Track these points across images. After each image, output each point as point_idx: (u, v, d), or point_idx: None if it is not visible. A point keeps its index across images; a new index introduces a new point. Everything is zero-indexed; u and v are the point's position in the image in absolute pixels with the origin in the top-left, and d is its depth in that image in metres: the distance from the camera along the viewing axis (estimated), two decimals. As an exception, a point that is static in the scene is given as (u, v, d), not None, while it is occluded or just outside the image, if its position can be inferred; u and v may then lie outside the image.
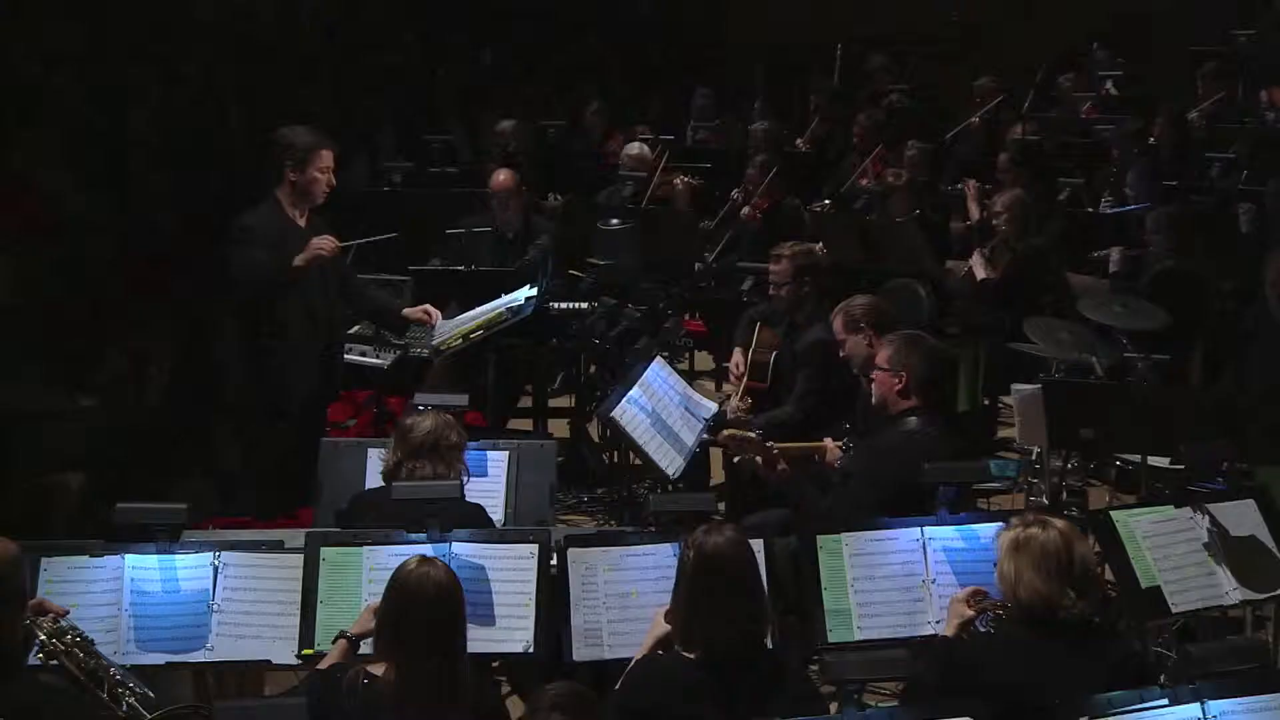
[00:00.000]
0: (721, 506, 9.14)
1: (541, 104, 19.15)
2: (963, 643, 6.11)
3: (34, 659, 5.94)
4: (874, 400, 8.36)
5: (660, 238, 13.48)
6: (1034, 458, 9.33)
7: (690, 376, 12.71)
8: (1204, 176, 15.27)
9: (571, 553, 6.65)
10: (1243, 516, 7.12)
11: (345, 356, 10.31)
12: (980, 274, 12.20)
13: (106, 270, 13.92)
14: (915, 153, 14.93)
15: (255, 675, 7.04)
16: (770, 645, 6.19)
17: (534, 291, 9.90)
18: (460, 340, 9.72)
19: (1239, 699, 5.46)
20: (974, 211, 14.12)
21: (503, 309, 9.78)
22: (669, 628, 6.01)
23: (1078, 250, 13.11)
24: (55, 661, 5.92)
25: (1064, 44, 21.73)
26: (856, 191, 14.87)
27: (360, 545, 6.61)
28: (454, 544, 6.61)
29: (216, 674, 6.75)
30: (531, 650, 6.55)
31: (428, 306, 9.75)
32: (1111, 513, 6.99)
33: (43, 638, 5.93)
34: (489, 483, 8.12)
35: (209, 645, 6.49)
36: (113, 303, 12.74)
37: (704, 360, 13.92)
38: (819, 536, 6.80)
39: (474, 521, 7.23)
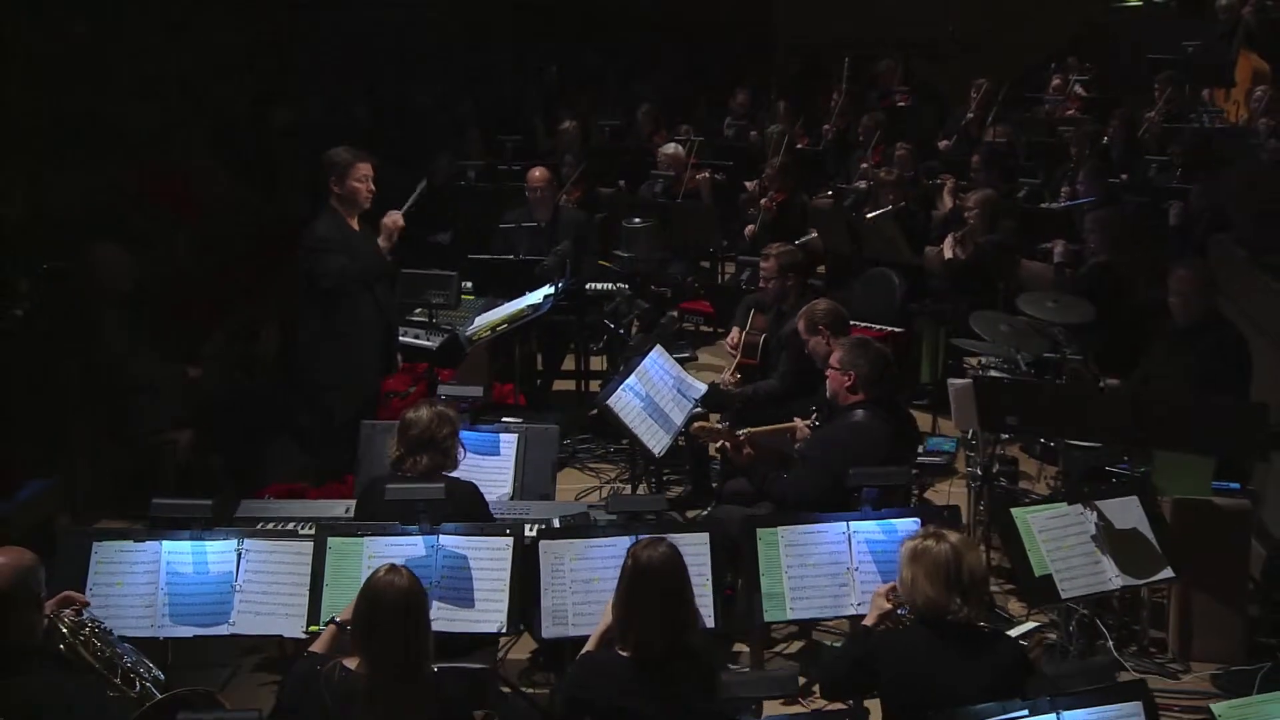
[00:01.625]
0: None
1: (601, 104, 18.62)
2: (871, 634, 5.83)
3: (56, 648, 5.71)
4: (828, 393, 8.10)
5: (685, 228, 13.20)
6: (969, 435, 8.71)
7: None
8: (1144, 175, 14.61)
9: (543, 544, 6.38)
10: (1127, 511, 6.85)
11: (401, 338, 9.98)
12: (948, 254, 11.80)
13: (242, 250, 13.73)
14: (904, 152, 14.47)
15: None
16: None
17: (551, 291, 9.64)
18: (489, 332, 9.55)
19: (1090, 709, 5.22)
20: (948, 203, 13.66)
21: (525, 306, 9.56)
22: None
23: (1036, 240, 12.49)
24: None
25: (1043, 51, 21.21)
26: (851, 189, 14.19)
27: (361, 536, 6.33)
28: (441, 536, 6.31)
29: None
30: (504, 631, 6.28)
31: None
32: (1012, 510, 6.69)
33: (64, 630, 5.72)
34: (500, 460, 7.91)
35: (231, 621, 6.29)
36: (236, 281, 12.52)
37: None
38: (758, 529, 6.56)
39: (469, 499, 6.96)
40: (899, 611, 5.91)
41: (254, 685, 6.70)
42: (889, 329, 10.92)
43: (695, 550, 6.35)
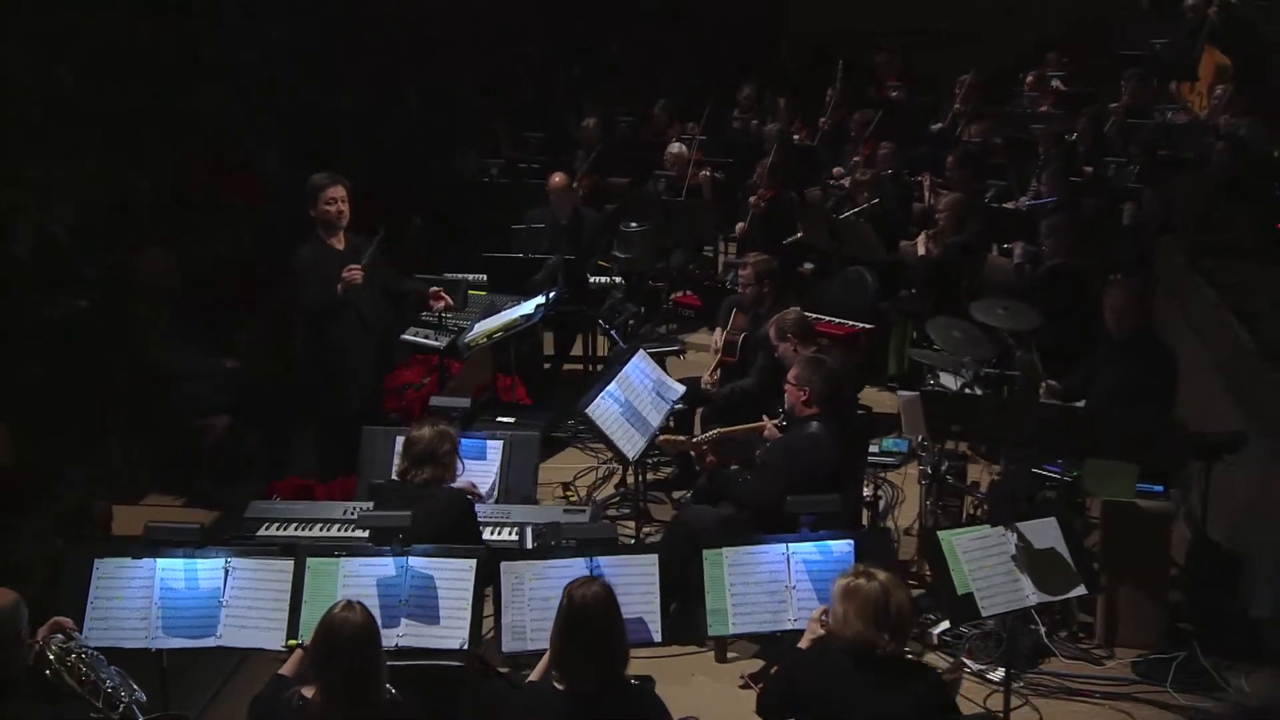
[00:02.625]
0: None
1: (619, 100, 18.15)
2: (803, 658, 5.57)
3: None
4: (785, 406, 7.86)
5: (686, 224, 12.92)
6: (919, 440, 8.45)
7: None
8: (1103, 174, 14.18)
9: (504, 564, 6.14)
10: (1045, 533, 6.54)
11: (411, 338, 9.80)
12: (921, 250, 11.48)
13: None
14: (886, 150, 14.10)
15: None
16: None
17: (543, 301, 9.40)
18: (485, 339, 9.31)
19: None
20: (927, 199, 13.34)
21: (518, 316, 9.32)
22: None
23: (1002, 239, 12.15)
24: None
25: (1027, 46, 20.64)
26: (835, 187, 13.83)
27: (338, 557, 6.10)
28: (411, 558, 6.07)
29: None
30: (467, 647, 6.03)
31: (440, 290, 9.28)
32: (938, 533, 6.40)
33: (51, 657, 5.49)
34: (486, 464, 7.74)
35: (218, 634, 6.05)
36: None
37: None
38: (705, 551, 6.30)
39: (455, 507, 6.83)
40: None
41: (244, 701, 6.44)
42: (861, 325, 10.66)
43: (644, 570, 6.17)
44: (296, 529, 7.36)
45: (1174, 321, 10.72)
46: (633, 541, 8.47)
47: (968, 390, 8.54)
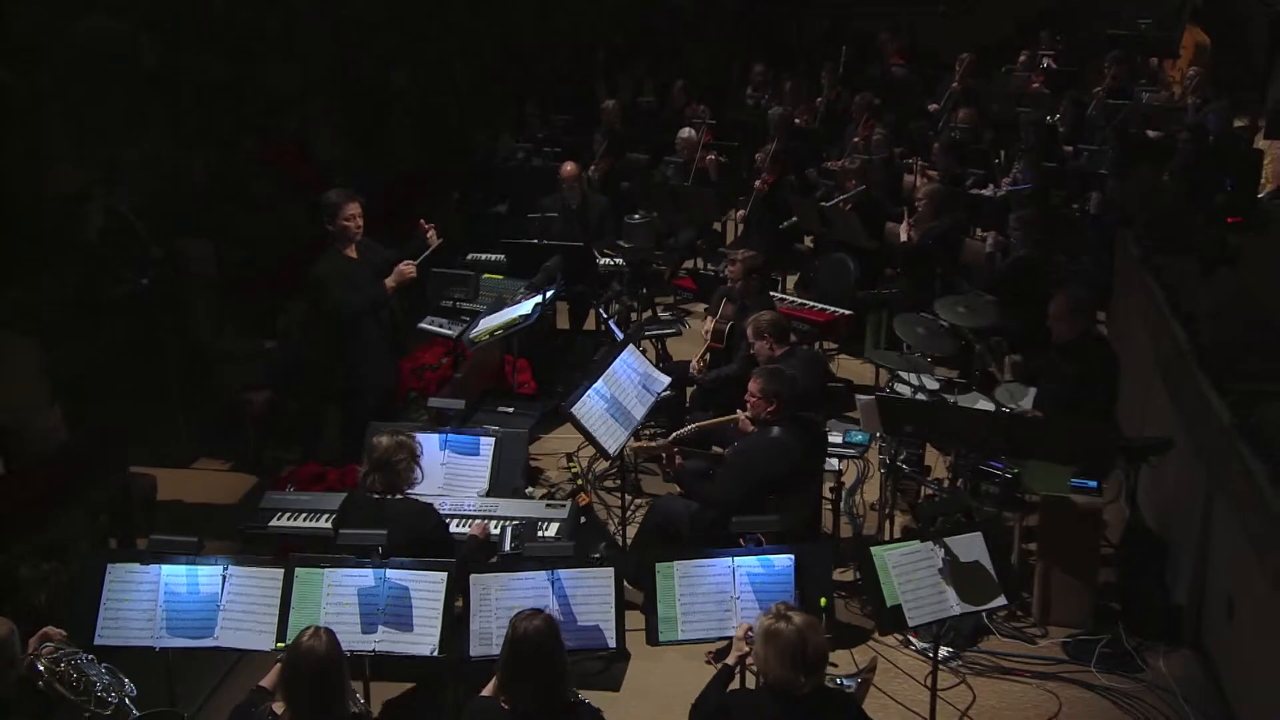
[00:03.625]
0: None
1: (647, 75, 17.74)
2: (730, 674, 5.52)
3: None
4: (749, 413, 7.64)
5: (692, 207, 12.58)
6: (877, 435, 8.24)
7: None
8: (1076, 161, 13.75)
9: (473, 577, 5.99)
10: (971, 547, 6.31)
11: (427, 326, 9.64)
12: (903, 236, 11.15)
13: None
14: (879, 137, 13.75)
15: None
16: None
17: (540, 300, 9.18)
18: (487, 336, 9.04)
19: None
20: (915, 182, 13.00)
21: (517, 315, 9.09)
22: None
23: (980, 225, 11.93)
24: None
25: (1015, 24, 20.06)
26: (831, 174, 13.38)
27: (323, 568, 5.96)
28: (388, 570, 5.94)
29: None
30: (437, 654, 5.87)
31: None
32: (871, 549, 6.19)
33: (42, 669, 5.38)
34: (479, 460, 7.54)
35: (216, 635, 5.93)
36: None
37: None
38: (656, 564, 6.10)
39: (420, 520, 6.64)
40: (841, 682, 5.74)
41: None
42: (841, 312, 10.45)
43: (601, 583, 6.01)
44: (305, 519, 7.27)
45: (1130, 316, 10.45)
46: (622, 512, 8.38)
47: (919, 394, 8.28)
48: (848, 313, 10.39)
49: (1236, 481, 6.95)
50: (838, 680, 5.61)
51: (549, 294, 9.11)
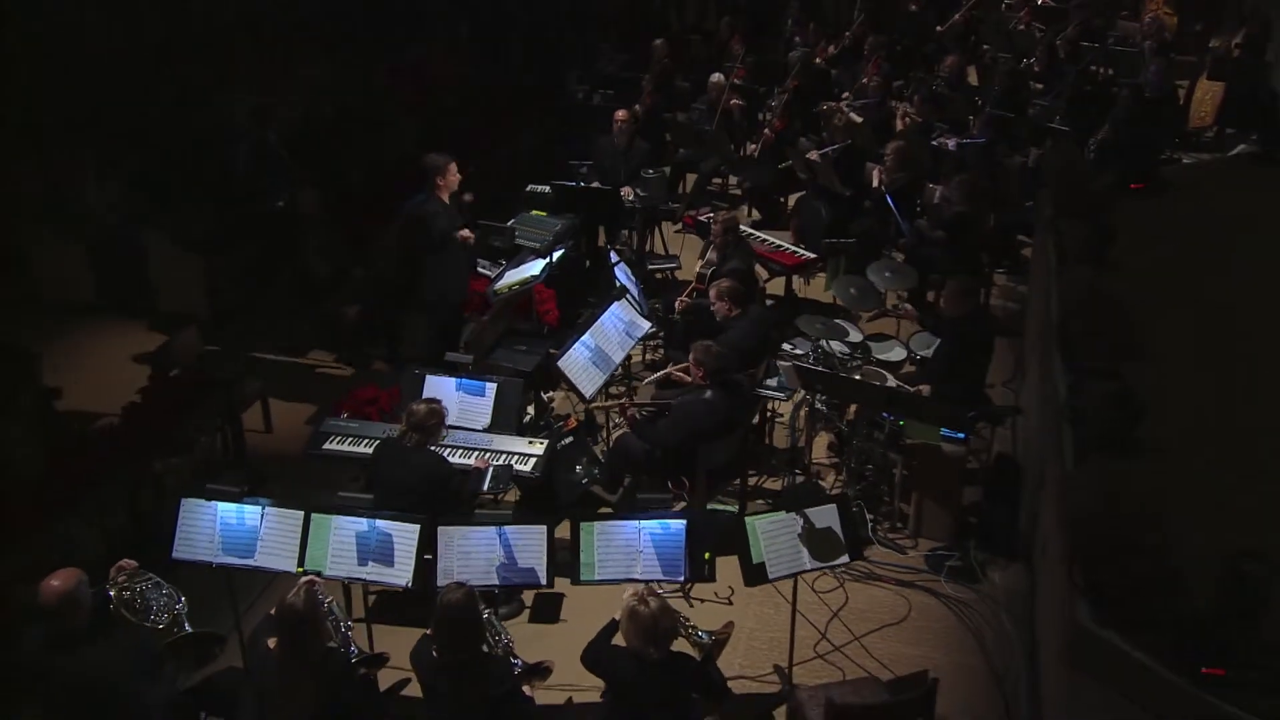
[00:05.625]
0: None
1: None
2: (615, 653, 5.50)
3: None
4: (690, 375, 7.67)
5: (715, 148, 12.28)
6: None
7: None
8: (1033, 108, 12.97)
9: (440, 529, 6.13)
10: (826, 516, 6.29)
11: (478, 269, 9.70)
12: (874, 182, 10.79)
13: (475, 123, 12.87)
14: (876, 83, 13.09)
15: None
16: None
17: (549, 261, 9.02)
18: (508, 290, 9.01)
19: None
20: (899, 127, 12.47)
21: (529, 275, 9.02)
22: None
23: (941, 174, 11.09)
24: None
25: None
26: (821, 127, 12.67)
27: (329, 514, 6.16)
28: (378, 520, 6.13)
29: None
30: (410, 586, 6.08)
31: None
32: (746, 518, 6.20)
33: (112, 593, 5.65)
34: (483, 401, 7.58)
35: (255, 558, 6.16)
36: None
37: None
38: (581, 523, 6.22)
39: (436, 467, 6.78)
40: (700, 636, 5.70)
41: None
42: (808, 255, 10.21)
43: (537, 536, 6.12)
44: (351, 444, 7.44)
45: (1038, 269, 10.14)
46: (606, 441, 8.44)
47: (814, 361, 8.18)
48: (813, 256, 10.16)
49: (1059, 440, 6.92)
50: (698, 634, 5.68)
51: (556, 256, 8.96)
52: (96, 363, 9.55)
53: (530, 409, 8.39)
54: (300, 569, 6.04)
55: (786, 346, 8.57)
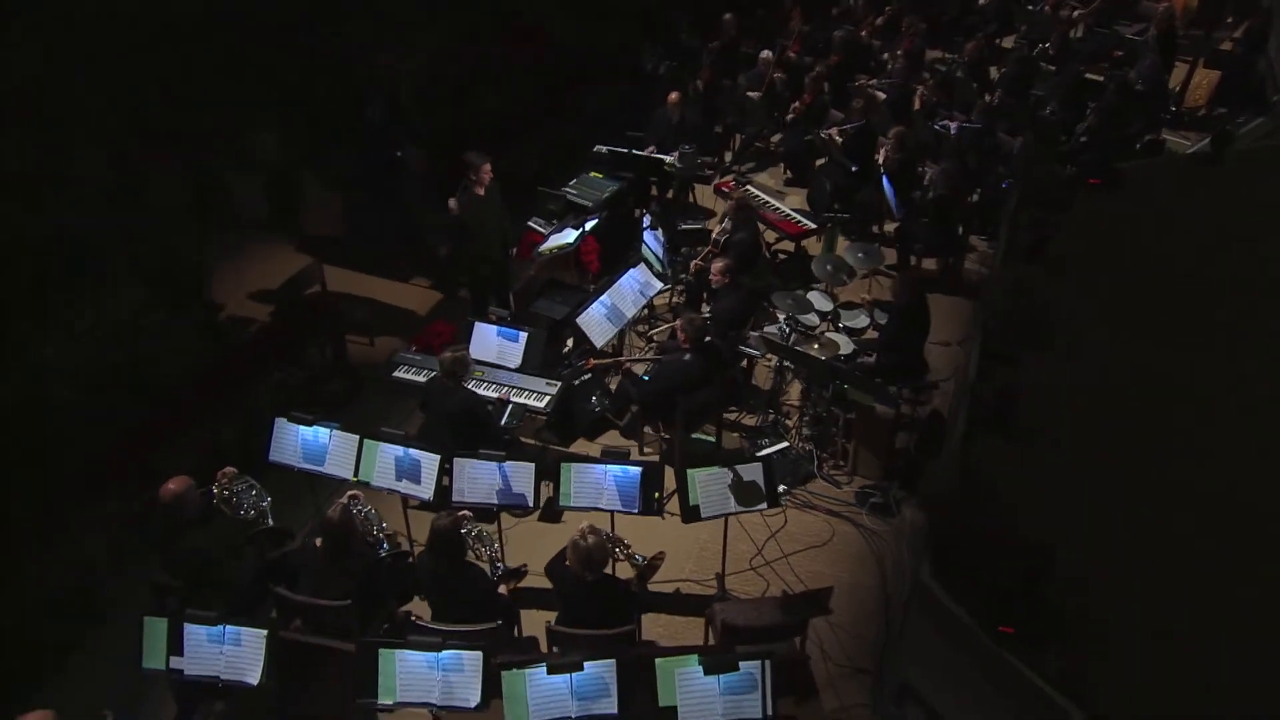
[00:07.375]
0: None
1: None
2: (565, 571, 5.78)
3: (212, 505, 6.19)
4: (678, 340, 7.79)
5: (755, 117, 12.00)
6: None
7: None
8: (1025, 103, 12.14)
9: (456, 460, 6.50)
10: (754, 471, 6.51)
11: (532, 225, 9.52)
12: (881, 158, 10.47)
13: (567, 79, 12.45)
14: (903, 64, 12.62)
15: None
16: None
17: (582, 231, 9.06)
18: (547, 254, 9.07)
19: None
20: (916, 105, 12.06)
21: (564, 242, 9.07)
22: None
23: (938, 155, 10.80)
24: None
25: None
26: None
27: (378, 440, 6.57)
28: (410, 449, 6.53)
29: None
30: (431, 499, 6.47)
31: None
32: (688, 470, 6.44)
33: (215, 490, 6.15)
34: (516, 346, 7.85)
35: (325, 466, 6.60)
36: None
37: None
38: (561, 464, 6.52)
39: (468, 404, 7.10)
40: (637, 559, 6.00)
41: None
42: (809, 225, 10.03)
43: (526, 469, 6.45)
44: (415, 373, 7.82)
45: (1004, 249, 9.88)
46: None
47: (786, 330, 8.27)
48: (813, 226, 10.05)
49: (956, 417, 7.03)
50: (636, 557, 6.06)
51: (589, 226, 8.99)
52: (255, 278, 9.85)
53: (570, 341, 8.63)
54: (355, 477, 6.54)
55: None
